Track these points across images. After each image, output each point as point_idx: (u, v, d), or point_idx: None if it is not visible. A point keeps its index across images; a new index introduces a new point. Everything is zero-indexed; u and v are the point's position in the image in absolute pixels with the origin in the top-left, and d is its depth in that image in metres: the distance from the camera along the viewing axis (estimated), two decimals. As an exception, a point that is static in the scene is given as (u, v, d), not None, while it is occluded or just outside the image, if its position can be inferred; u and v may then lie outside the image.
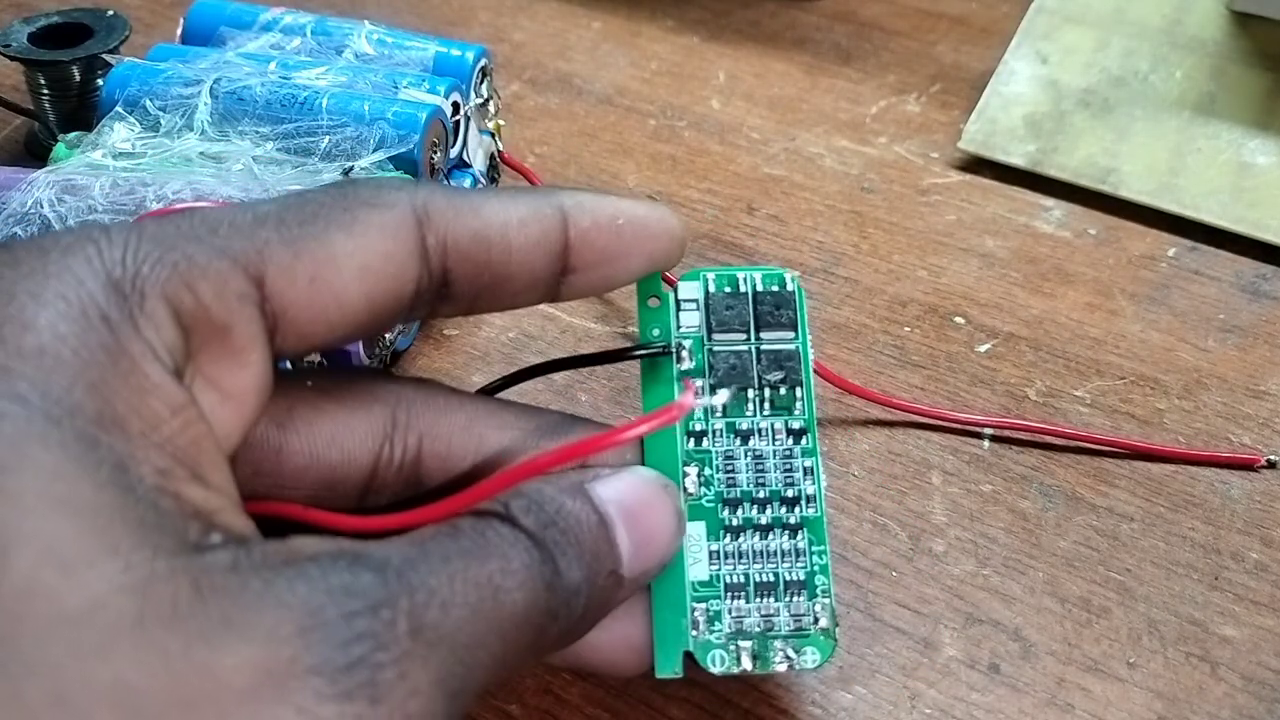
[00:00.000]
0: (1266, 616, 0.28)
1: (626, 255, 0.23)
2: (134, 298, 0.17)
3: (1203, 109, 0.42)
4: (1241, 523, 0.30)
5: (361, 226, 0.20)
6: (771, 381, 0.24)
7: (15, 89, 0.44)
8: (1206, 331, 0.36)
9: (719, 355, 0.25)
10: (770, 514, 0.24)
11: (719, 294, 0.25)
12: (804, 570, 0.24)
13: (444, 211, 0.21)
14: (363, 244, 0.20)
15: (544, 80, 0.48)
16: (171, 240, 0.18)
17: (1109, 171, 0.42)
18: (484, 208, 0.21)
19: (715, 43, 0.51)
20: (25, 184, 0.30)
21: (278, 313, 0.19)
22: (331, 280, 0.19)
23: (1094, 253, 0.40)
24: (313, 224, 0.19)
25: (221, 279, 0.18)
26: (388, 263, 0.20)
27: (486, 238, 0.21)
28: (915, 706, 0.26)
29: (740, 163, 0.44)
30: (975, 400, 0.34)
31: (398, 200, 0.20)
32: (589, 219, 0.22)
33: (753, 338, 0.25)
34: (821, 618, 0.23)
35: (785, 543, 0.24)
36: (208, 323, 0.18)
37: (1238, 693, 0.27)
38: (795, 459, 0.24)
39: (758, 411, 0.24)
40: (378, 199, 0.20)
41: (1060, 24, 0.45)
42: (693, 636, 0.23)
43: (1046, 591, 0.29)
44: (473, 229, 0.21)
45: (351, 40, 0.37)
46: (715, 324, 0.25)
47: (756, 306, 0.25)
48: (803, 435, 0.24)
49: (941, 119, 0.46)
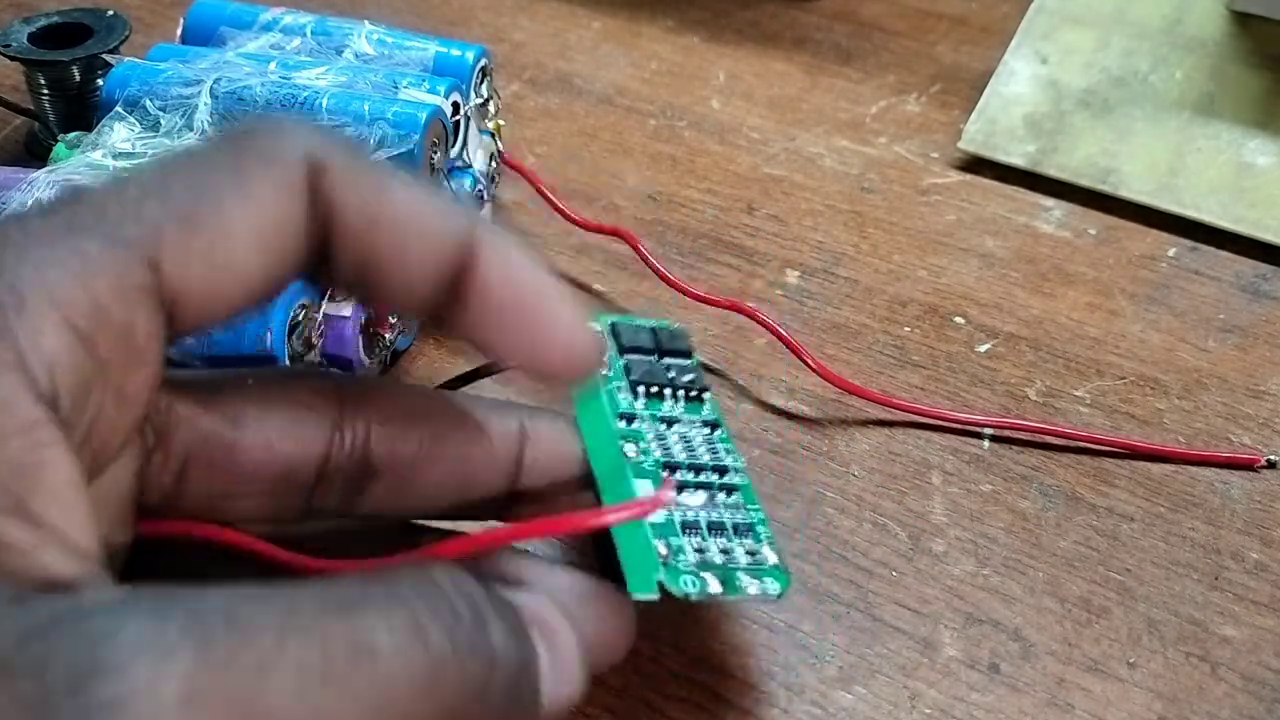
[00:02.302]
0: (1266, 616, 0.28)
1: (521, 344, 0.20)
2: (9, 304, 0.16)
3: (1203, 109, 0.42)
4: (1241, 523, 0.30)
5: (255, 185, 0.18)
6: (683, 383, 0.27)
7: (15, 89, 0.44)
8: (1206, 331, 0.36)
9: (633, 364, 0.27)
10: (704, 478, 0.26)
11: (624, 325, 0.28)
12: (746, 519, 0.25)
13: (340, 174, 0.19)
14: (256, 207, 0.18)
15: (544, 80, 0.48)
16: (59, 235, 0.17)
17: (1109, 171, 0.42)
18: (390, 194, 0.19)
19: (715, 43, 0.51)
20: (25, 184, 0.30)
21: (175, 296, 0.17)
22: (230, 253, 0.18)
23: (1094, 253, 0.40)
24: (203, 190, 0.18)
25: (119, 273, 0.17)
26: (283, 226, 0.18)
27: (378, 224, 0.19)
28: (915, 706, 0.26)
29: (740, 163, 0.44)
30: (975, 400, 0.34)
31: (291, 149, 0.18)
32: (500, 271, 0.20)
33: (658, 358, 0.28)
34: (771, 556, 0.25)
35: (724, 497, 0.26)
36: (108, 325, 0.17)
37: (1238, 693, 0.27)
38: (716, 443, 0.27)
39: (674, 407, 0.27)
40: (270, 150, 0.18)
41: (1060, 24, 0.45)
42: (661, 566, 0.23)
43: (1046, 591, 0.29)
44: (366, 208, 0.19)
45: (351, 40, 0.37)
46: (626, 345, 0.28)
47: (656, 336, 0.29)
48: (716, 427, 0.27)
49: (941, 119, 0.46)
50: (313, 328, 0.29)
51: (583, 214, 0.39)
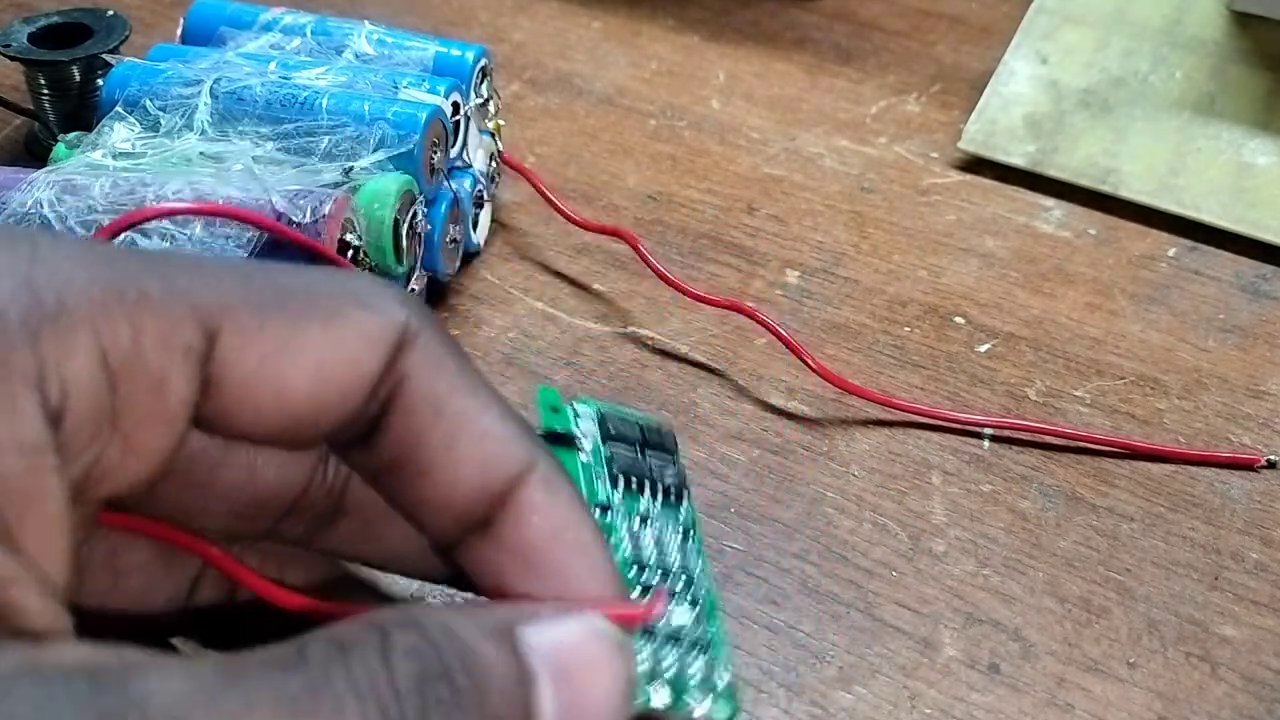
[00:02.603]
0: (1266, 616, 0.28)
1: (536, 591, 0.18)
2: (49, 308, 0.15)
3: (1203, 109, 0.42)
4: (1241, 523, 0.30)
5: (341, 322, 0.17)
6: (665, 483, 0.26)
7: (15, 89, 0.44)
8: (1206, 331, 0.36)
9: (616, 455, 0.27)
10: (673, 584, 0.25)
11: (612, 414, 0.28)
12: (705, 634, 0.25)
13: (425, 352, 0.18)
14: (335, 341, 0.17)
15: (544, 80, 0.48)
16: (127, 266, 0.16)
17: (1109, 171, 0.42)
18: (465, 392, 0.18)
19: (715, 43, 0.51)
20: (25, 184, 0.30)
21: (214, 381, 0.16)
22: (289, 367, 0.17)
23: (1094, 253, 0.40)
24: (291, 299, 0.17)
25: (171, 324, 0.16)
26: (350, 373, 0.17)
27: (441, 416, 0.18)
28: (915, 706, 0.26)
29: (740, 163, 0.44)
30: (975, 400, 0.34)
31: (391, 311, 0.17)
32: (544, 514, 0.18)
33: (641, 454, 0.27)
34: (724, 679, 0.24)
35: (688, 609, 0.25)
36: (141, 370, 0.16)
37: (1238, 693, 0.27)
38: (688, 550, 0.26)
39: (651, 506, 0.27)
40: (371, 300, 0.17)
41: (1060, 24, 0.45)
42: None
43: (1046, 591, 0.29)
44: (437, 397, 0.17)
45: (351, 40, 0.37)
46: (612, 432, 0.27)
47: (643, 432, 0.28)
48: (690, 532, 0.27)
49: (941, 119, 0.46)
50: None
51: (583, 214, 0.39)
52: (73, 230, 0.29)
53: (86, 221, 0.29)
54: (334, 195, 0.30)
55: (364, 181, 0.31)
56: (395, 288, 0.18)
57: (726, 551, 0.29)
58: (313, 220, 0.29)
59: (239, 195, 0.29)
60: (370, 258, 0.31)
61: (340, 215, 0.29)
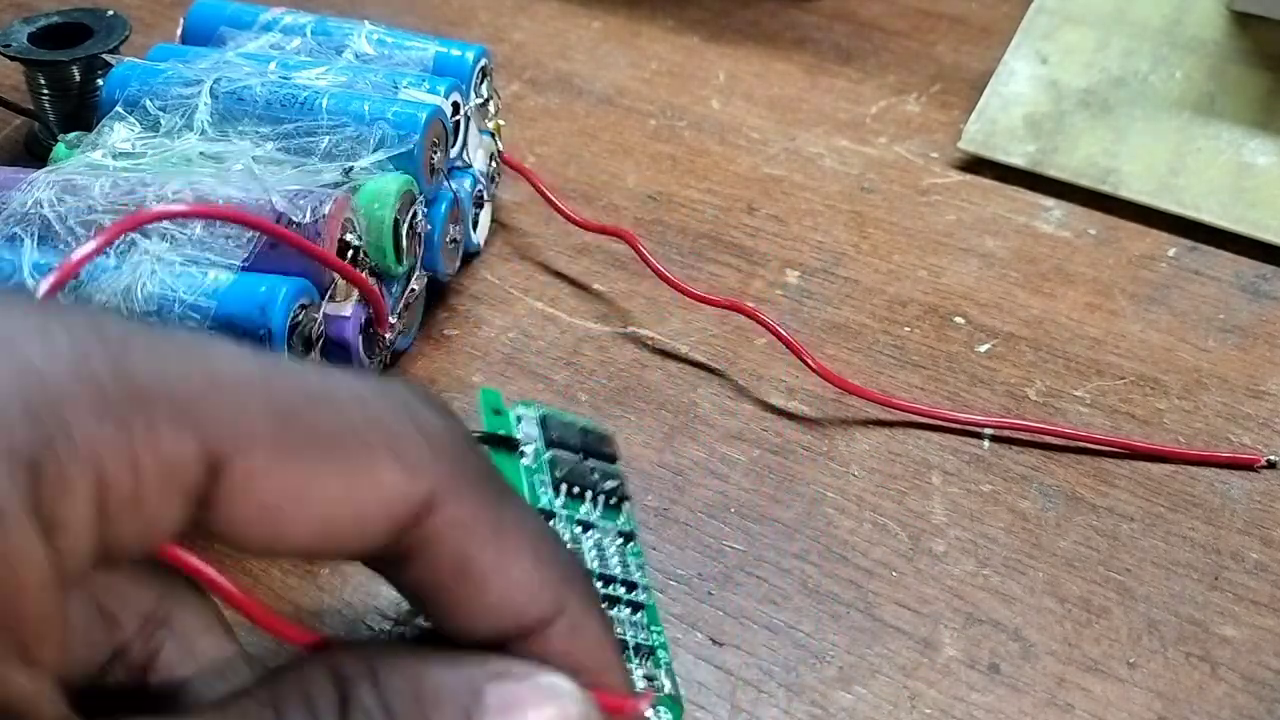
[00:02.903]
0: (1266, 616, 0.28)
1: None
2: (59, 444, 0.14)
3: (1203, 109, 0.42)
4: (1241, 523, 0.30)
5: (363, 478, 0.16)
6: (605, 488, 0.27)
7: (15, 89, 0.44)
8: (1206, 331, 0.36)
9: (559, 460, 0.28)
10: (614, 590, 0.26)
11: (554, 419, 0.28)
12: (648, 641, 0.26)
13: (456, 518, 0.16)
14: (348, 500, 0.16)
15: (544, 80, 0.48)
16: (137, 378, 0.14)
17: (1109, 171, 0.42)
18: (492, 545, 0.17)
19: (715, 43, 0.51)
20: (25, 184, 0.30)
21: (210, 509, 0.15)
22: (286, 515, 0.15)
23: (1094, 253, 0.40)
24: (314, 438, 0.15)
25: (176, 462, 0.14)
26: (356, 528, 0.16)
27: (466, 574, 0.17)
28: (915, 706, 0.26)
29: (740, 163, 0.44)
30: (975, 400, 0.34)
31: (424, 471, 0.16)
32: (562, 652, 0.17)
33: (583, 459, 0.28)
34: (667, 685, 0.25)
35: (630, 615, 0.26)
36: (135, 510, 0.14)
37: (1238, 693, 0.27)
38: (628, 556, 0.27)
39: (593, 511, 0.27)
40: (405, 450, 0.16)
41: (1060, 24, 0.45)
42: None
43: (1046, 591, 0.29)
44: (463, 558, 0.17)
45: (351, 40, 0.37)
46: (554, 437, 0.28)
47: (585, 436, 0.28)
48: (631, 538, 0.27)
49: (941, 119, 0.46)
50: (313, 327, 0.29)
51: (583, 214, 0.39)
52: (73, 230, 0.29)
53: (86, 221, 0.29)
54: (334, 195, 0.30)
55: (364, 181, 0.31)
56: (448, 429, 0.17)
57: (726, 551, 0.29)
58: (313, 220, 0.29)
59: (239, 195, 0.29)
60: (370, 258, 0.31)
61: (340, 215, 0.29)
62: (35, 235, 0.29)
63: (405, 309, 0.33)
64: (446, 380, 0.34)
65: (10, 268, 0.28)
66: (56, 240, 0.29)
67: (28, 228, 0.29)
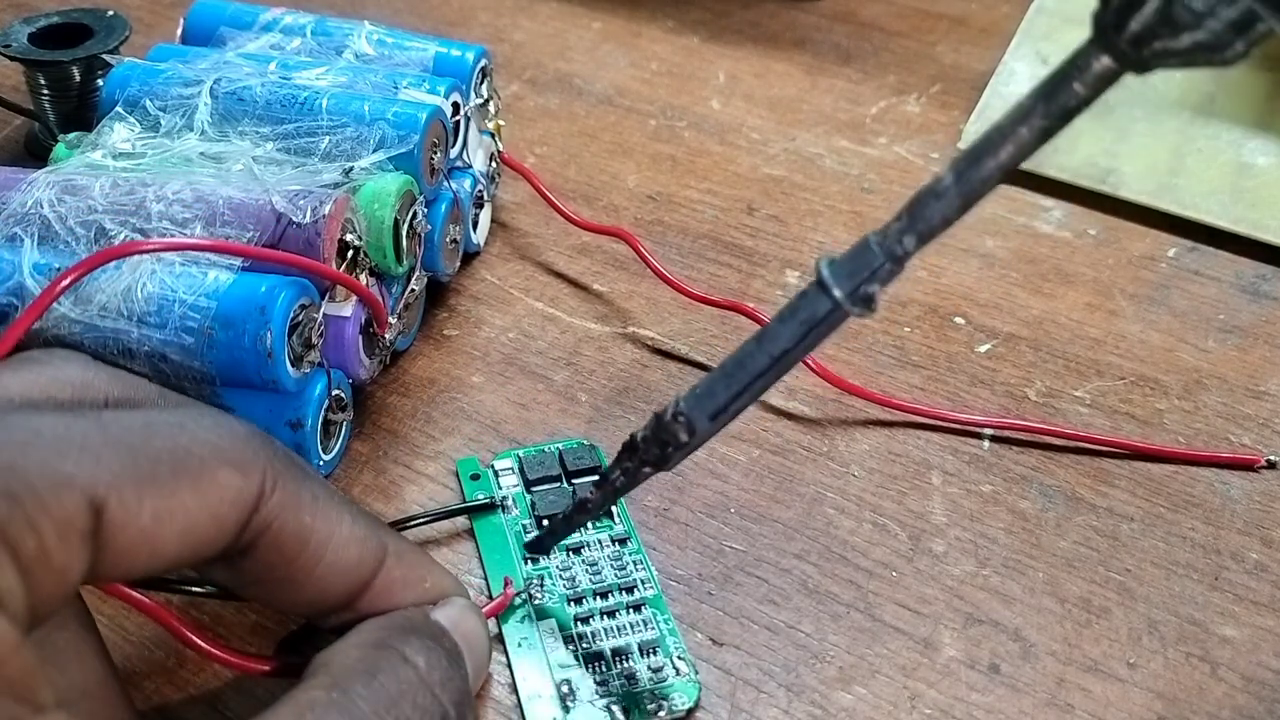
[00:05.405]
0: (1266, 616, 0.28)
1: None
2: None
3: (1203, 109, 0.42)
4: (1241, 523, 0.30)
5: (208, 484, 0.19)
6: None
7: (15, 89, 0.44)
8: (1206, 331, 0.36)
9: (538, 499, 0.29)
10: (612, 600, 0.27)
11: (530, 457, 0.30)
12: (654, 634, 0.27)
13: (285, 497, 0.21)
14: (201, 503, 0.19)
15: (544, 80, 0.48)
16: (16, 464, 0.17)
17: (1109, 171, 0.42)
18: (319, 513, 0.21)
19: (715, 43, 0.51)
20: (25, 184, 0.30)
21: (101, 546, 0.18)
22: (159, 532, 0.19)
23: (1094, 253, 0.40)
24: (166, 466, 0.19)
25: (67, 519, 0.17)
26: (213, 530, 0.20)
27: (306, 541, 0.21)
28: (915, 706, 0.26)
29: (740, 163, 0.44)
30: (975, 400, 0.34)
31: (252, 467, 0.20)
32: (400, 576, 0.23)
33: (565, 483, 0.30)
34: (680, 667, 0.26)
35: (632, 617, 0.27)
36: (46, 567, 0.17)
37: (1238, 693, 0.27)
38: (625, 557, 0.28)
39: (583, 531, 0.29)
40: (236, 455, 0.20)
41: (1060, 24, 0.45)
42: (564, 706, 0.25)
43: (1046, 591, 0.29)
44: (300, 527, 0.21)
45: (351, 40, 0.37)
46: (532, 479, 0.30)
47: (563, 459, 0.30)
48: (626, 540, 0.29)
49: (941, 119, 0.46)
50: (313, 328, 0.29)
51: (583, 214, 0.39)
52: (73, 230, 0.29)
53: (86, 222, 0.29)
54: (334, 195, 0.30)
55: (364, 181, 0.31)
56: (258, 434, 0.21)
57: (726, 551, 0.29)
58: (313, 220, 0.29)
59: (239, 195, 0.29)
60: (370, 258, 0.31)
61: (340, 215, 0.29)
62: (35, 235, 0.29)
63: (405, 309, 0.33)
64: (446, 380, 0.34)
65: (10, 268, 0.28)
66: (56, 240, 0.29)
67: (28, 228, 0.29)
